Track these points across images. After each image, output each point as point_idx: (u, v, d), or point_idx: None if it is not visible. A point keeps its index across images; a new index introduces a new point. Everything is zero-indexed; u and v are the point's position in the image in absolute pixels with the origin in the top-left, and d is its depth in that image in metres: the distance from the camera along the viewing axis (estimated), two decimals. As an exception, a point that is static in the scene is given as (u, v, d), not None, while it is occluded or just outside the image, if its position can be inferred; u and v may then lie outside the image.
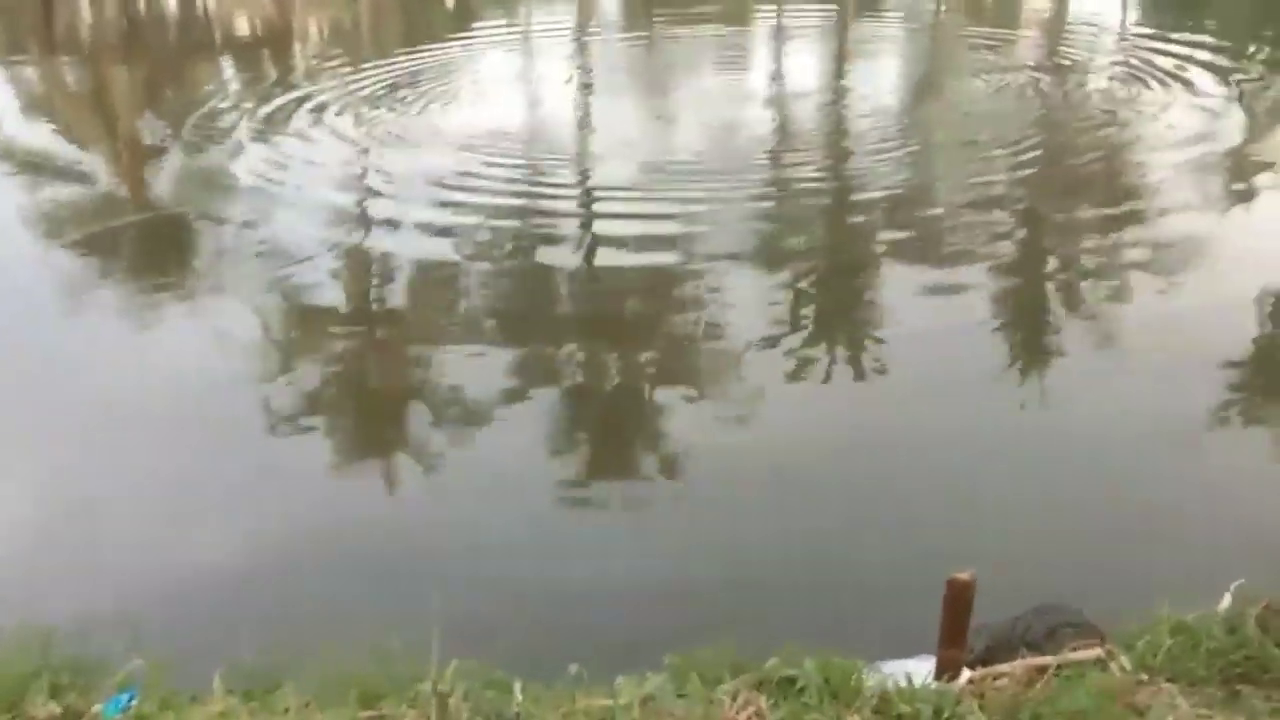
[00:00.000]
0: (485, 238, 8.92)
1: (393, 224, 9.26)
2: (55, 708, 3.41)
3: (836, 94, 13.82)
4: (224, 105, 13.24)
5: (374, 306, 8.04)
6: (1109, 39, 16.22)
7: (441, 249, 8.69)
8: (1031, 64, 14.81)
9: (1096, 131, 11.60)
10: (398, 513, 5.73)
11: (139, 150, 11.64)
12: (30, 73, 15.45)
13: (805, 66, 15.78)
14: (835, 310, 7.70)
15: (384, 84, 14.07)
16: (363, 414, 6.71)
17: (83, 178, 10.75)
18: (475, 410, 6.45)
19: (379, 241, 8.97)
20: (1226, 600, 3.91)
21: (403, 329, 7.75)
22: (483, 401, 6.54)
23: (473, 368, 6.93)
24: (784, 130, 12.52)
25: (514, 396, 6.63)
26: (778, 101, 13.96)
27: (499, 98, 13.86)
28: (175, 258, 8.89)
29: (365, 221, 9.45)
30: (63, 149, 11.78)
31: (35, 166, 11.01)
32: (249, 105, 13.14)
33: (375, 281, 8.34)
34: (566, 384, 6.89)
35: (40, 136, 12.30)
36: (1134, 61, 14.21)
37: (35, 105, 13.96)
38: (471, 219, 9.28)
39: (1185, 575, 4.54)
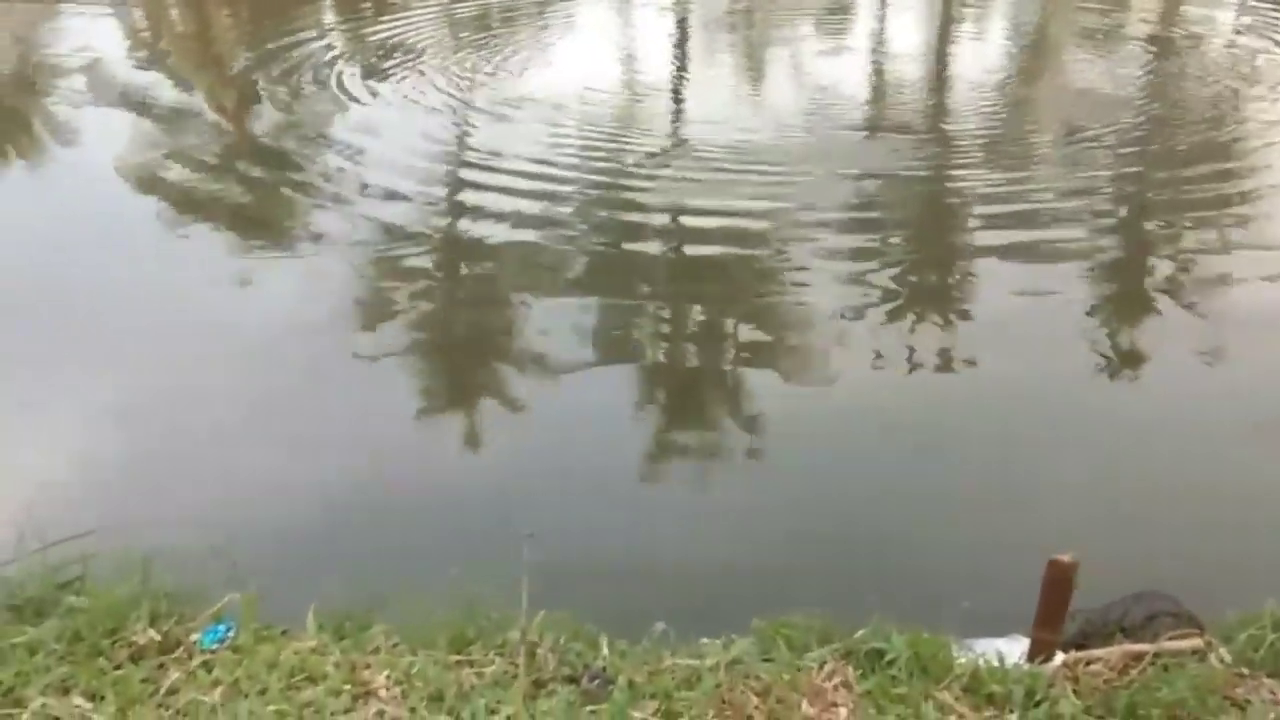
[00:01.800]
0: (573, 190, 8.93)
1: (487, 172, 9.26)
2: (154, 634, 3.49)
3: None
4: (323, 44, 13.36)
5: (465, 253, 8.07)
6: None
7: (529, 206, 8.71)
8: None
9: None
10: (485, 460, 5.76)
11: (241, 89, 11.76)
12: (137, 13, 15.67)
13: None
14: (925, 285, 7.54)
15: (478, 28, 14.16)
16: (452, 361, 6.75)
17: (185, 116, 10.90)
18: (563, 363, 6.44)
19: (471, 190, 8.98)
20: None
21: (491, 277, 7.78)
22: (570, 355, 6.54)
23: (561, 319, 6.93)
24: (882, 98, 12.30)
25: (600, 351, 6.62)
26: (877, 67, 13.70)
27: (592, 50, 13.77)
28: (273, 199, 8.99)
29: (457, 169, 9.48)
30: (166, 88, 11.95)
31: (140, 105, 11.20)
32: (349, 47, 13.25)
33: (466, 228, 8.38)
34: (650, 344, 6.85)
35: (145, 75, 12.49)
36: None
37: (140, 44, 14.15)
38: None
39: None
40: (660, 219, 8.53)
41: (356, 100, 11.20)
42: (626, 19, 16.11)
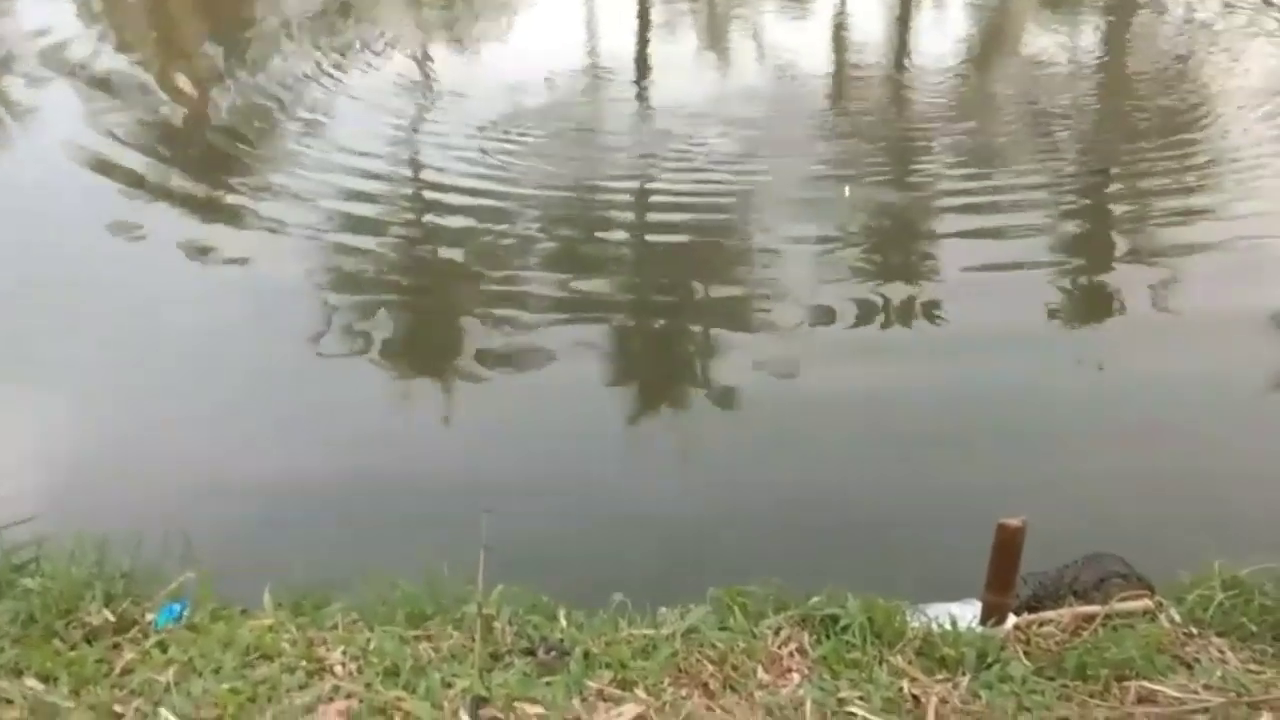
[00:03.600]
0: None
1: (446, 148, 9.22)
2: (109, 615, 3.48)
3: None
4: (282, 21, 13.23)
5: (430, 225, 8.05)
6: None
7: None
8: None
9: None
10: (448, 436, 5.77)
11: (200, 65, 11.63)
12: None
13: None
14: (887, 257, 7.57)
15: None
16: (414, 336, 6.73)
17: (143, 91, 10.76)
18: (525, 338, 6.46)
19: (433, 166, 8.95)
20: None
21: (458, 249, 7.75)
22: (532, 330, 6.55)
23: (523, 295, 6.93)
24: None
25: (563, 326, 6.63)
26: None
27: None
28: (233, 170, 8.90)
29: (418, 143, 9.43)
30: (123, 64, 11.79)
31: (97, 82, 11.05)
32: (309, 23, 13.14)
33: (431, 202, 8.35)
34: (616, 319, 6.85)
35: (101, 52, 12.30)
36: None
37: (96, 21, 13.91)
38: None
39: (1241, 532, 4.51)
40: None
41: (318, 80, 11.11)
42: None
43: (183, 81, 10.99)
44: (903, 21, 14.37)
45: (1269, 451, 5.38)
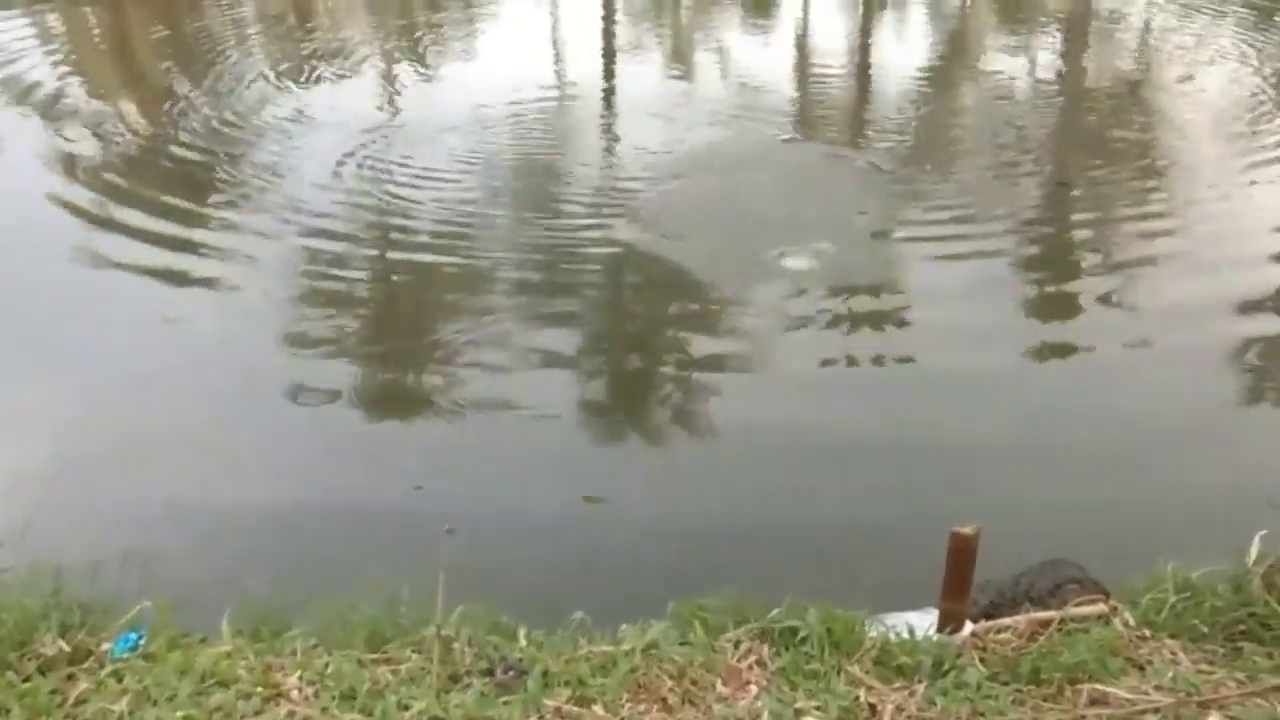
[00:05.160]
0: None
1: (411, 175, 9.24)
2: (64, 645, 3.45)
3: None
4: (243, 46, 13.25)
5: (392, 247, 8.05)
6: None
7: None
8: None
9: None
10: (410, 464, 5.76)
11: (159, 93, 11.61)
12: (53, 19, 15.37)
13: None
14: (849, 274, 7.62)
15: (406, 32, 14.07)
16: (374, 365, 6.72)
17: (102, 120, 10.73)
18: (486, 359, 6.47)
19: (397, 189, 8.97)
20: (1254, 549, 3.88)
21: (418, 270, 7.75)
22: (494, 352, 6.56)
23: (483, 327, 6.94)
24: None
25: (526, 346, 6.65)
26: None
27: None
28: (195, 198, 8.87)
29: (381, 167, 9.45)
30: (83, 93, 11.77)
31: (56, 110, 11.02)
32: (270, 47, 13.17)
33: (394, 222, 8.38)
34: (575, 336, 6.86)
35: (62, 81, 12.27)
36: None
37: (57, 50, 13.87)
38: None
39: (1194, 536, 4.55)
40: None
41: (278, 101, 11.12)
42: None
43: (140, 107, 10.97)
44: (864, 44, 14.51)
45: (1217, 461, 5.46)
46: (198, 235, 8.20)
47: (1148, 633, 3.65)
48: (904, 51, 13.89)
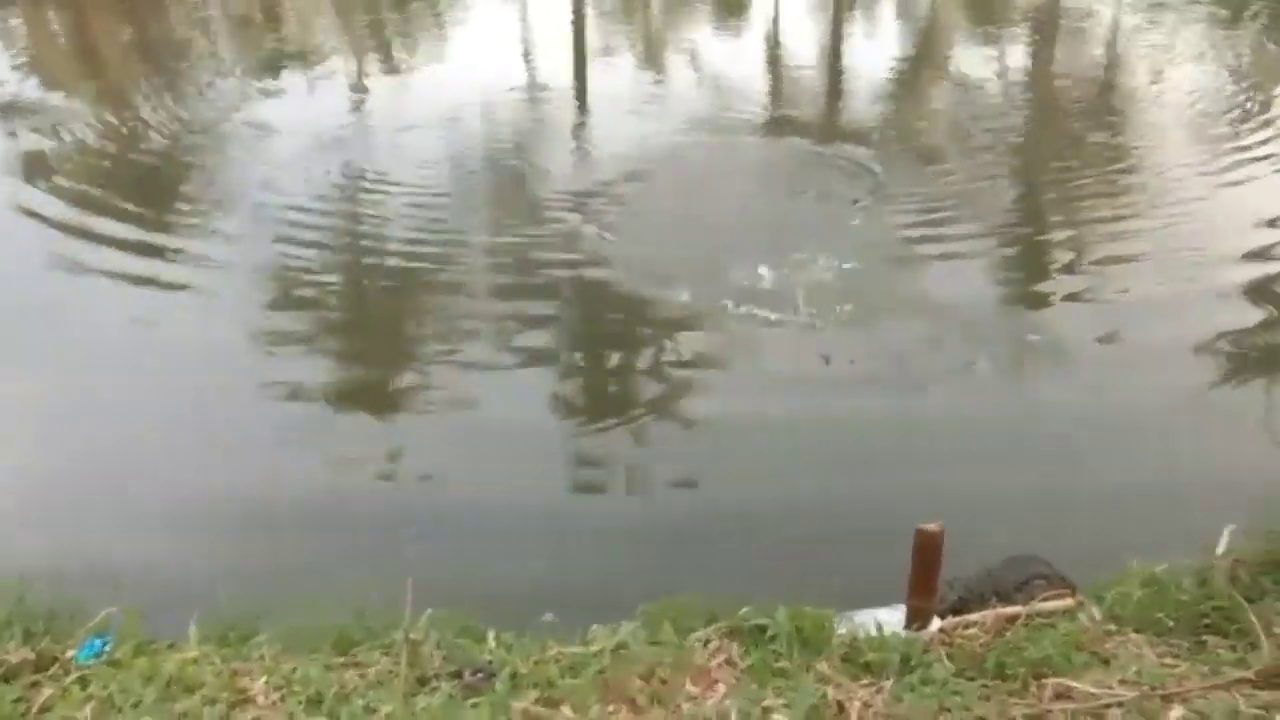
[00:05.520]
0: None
1: (382, 177, 9.22)
2: (28, 653, 3.43)
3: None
4: (210, 47, 13.21)
5: (361, 250, 8.03)
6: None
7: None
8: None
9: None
10: (378, 460, 5.76)
11: (130, 96, 11.54)
12: (16, 23, 15.25)
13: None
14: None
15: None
16: (343, 367, 6.69)
17: (72, 121, 10.65)
18: (455, 360, 6.47)
19: (371, 186, 8.97)
20: (1223, 543, 3.92)
21: (392, 272, 7.73)
22: (464, 352, 6.57)
23: (454, 333, 6.94)
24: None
25: (496, 347, 6.66)
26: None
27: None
28: (165, 203, 8.81)
29: (354, 167, 9.43)
30: (44, 94, 11.68)
31: (24, 113, 10.94)
32: (237, 49, 13.12)
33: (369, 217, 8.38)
34: (551, 349, 6.84)
35: (28, 85, 12.18)
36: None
37: (23, 54, 13.77)
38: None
39: (1163, 530, 4.60)
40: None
41: (245, 104, 11.08)
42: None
43: (105, 110, 10.90)
44: (834, 50, 14.55)
45: (1178, 458, 5.52)
46: (162, 240, 8.15)
47: (1113, 627, 3.68)
48: (875, 51, 13.91)
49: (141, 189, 9.13)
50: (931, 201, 8.65)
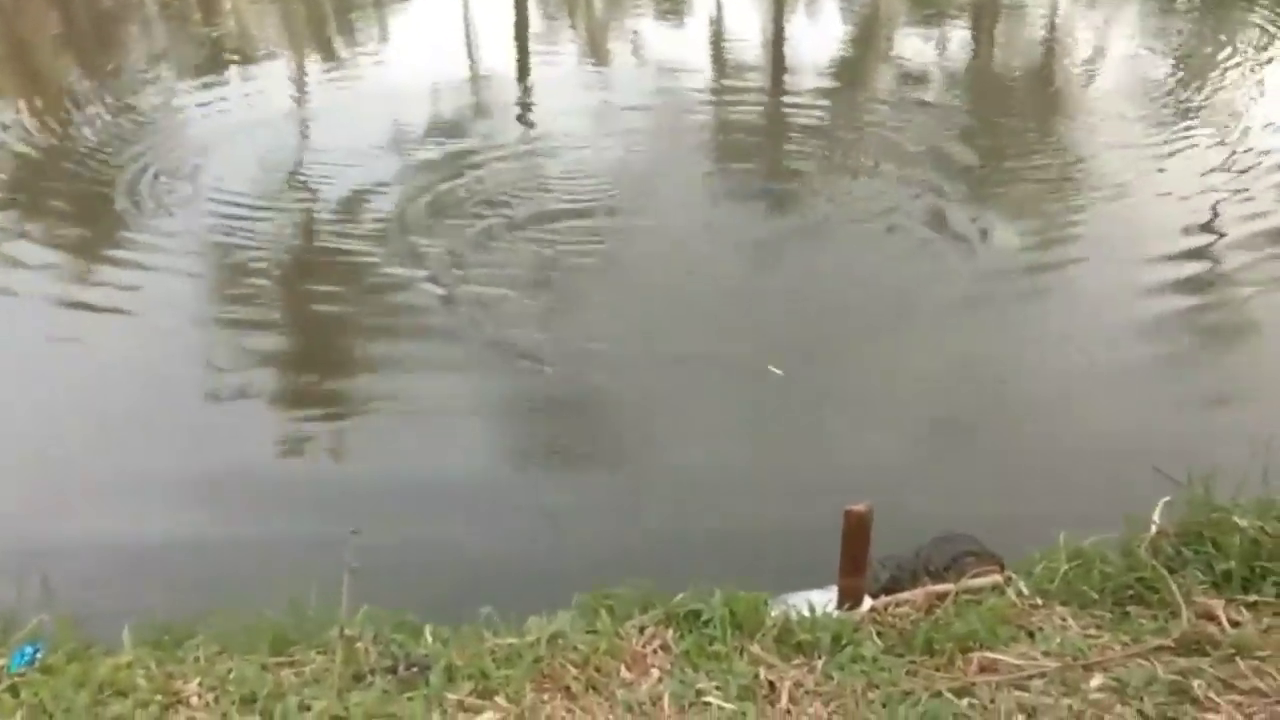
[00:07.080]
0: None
1: (326, 176, 9.16)
2: (-43, 662, 3.40)
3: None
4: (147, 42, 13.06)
5: (304, 268, 7.95)
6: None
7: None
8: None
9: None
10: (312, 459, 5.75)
11: (64, 100, 11.35)
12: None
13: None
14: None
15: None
16: (275, 365, 6.65)
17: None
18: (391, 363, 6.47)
19: (317, 187, 8.92)
20: (1156, 515, 4.00)
21: (336, 269, 7.67)
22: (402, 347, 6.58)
23: (393, 330, 6.93)
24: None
25: (438, 342, 6.66)
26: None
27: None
28: (102, 209, 8.69)
29: (298, 170, 9.37)
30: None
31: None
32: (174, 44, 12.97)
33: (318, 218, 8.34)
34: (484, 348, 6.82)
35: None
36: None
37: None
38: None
39: (1093, 505, 4.69)
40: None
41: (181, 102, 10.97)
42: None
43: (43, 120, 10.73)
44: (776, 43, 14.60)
45: (1105, 431, 5.62)
46: (98, 248, 8.04)
47: (1040, 601, 3.76)
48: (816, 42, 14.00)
49: (70, 194, 8.98)
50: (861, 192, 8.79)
